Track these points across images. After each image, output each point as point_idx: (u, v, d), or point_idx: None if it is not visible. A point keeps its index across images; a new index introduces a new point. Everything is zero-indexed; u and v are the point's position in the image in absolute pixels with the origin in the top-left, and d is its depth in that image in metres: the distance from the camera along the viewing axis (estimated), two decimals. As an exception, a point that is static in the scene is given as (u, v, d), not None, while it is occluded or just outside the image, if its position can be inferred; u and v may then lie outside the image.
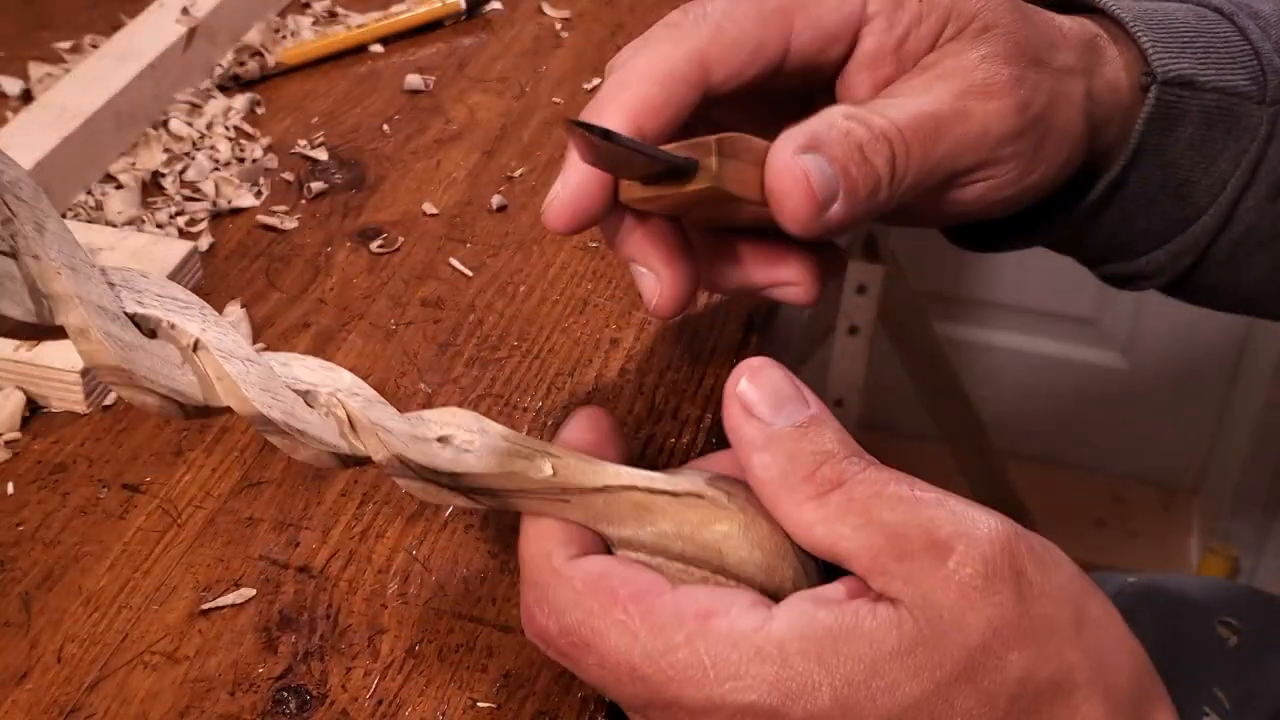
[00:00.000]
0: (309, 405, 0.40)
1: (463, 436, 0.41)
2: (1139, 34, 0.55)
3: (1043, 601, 0.37)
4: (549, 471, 0.41)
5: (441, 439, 0.41)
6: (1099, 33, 0.55)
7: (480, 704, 0.49)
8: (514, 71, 0.83)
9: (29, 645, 0.50)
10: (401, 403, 0.61)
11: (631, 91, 0.46)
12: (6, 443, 0.58)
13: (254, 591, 0.52)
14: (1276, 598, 0.81)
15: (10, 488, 0.56)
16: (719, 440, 0.60)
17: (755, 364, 0.41)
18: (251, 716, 0.48)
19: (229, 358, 0.38)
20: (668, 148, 0.45)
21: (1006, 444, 1.82)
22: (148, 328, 0.38)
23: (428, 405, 0.61)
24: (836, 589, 0.39)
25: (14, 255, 0.35)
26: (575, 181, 0.46)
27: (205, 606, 0.52)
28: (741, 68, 0.47)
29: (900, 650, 0.36)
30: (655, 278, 0.48)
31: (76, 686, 0.49)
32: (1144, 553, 1.85)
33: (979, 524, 0.38)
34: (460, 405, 0.61)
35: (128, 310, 0.38)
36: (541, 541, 0.42)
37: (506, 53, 0.85)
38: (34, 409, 0.60)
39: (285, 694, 0.49)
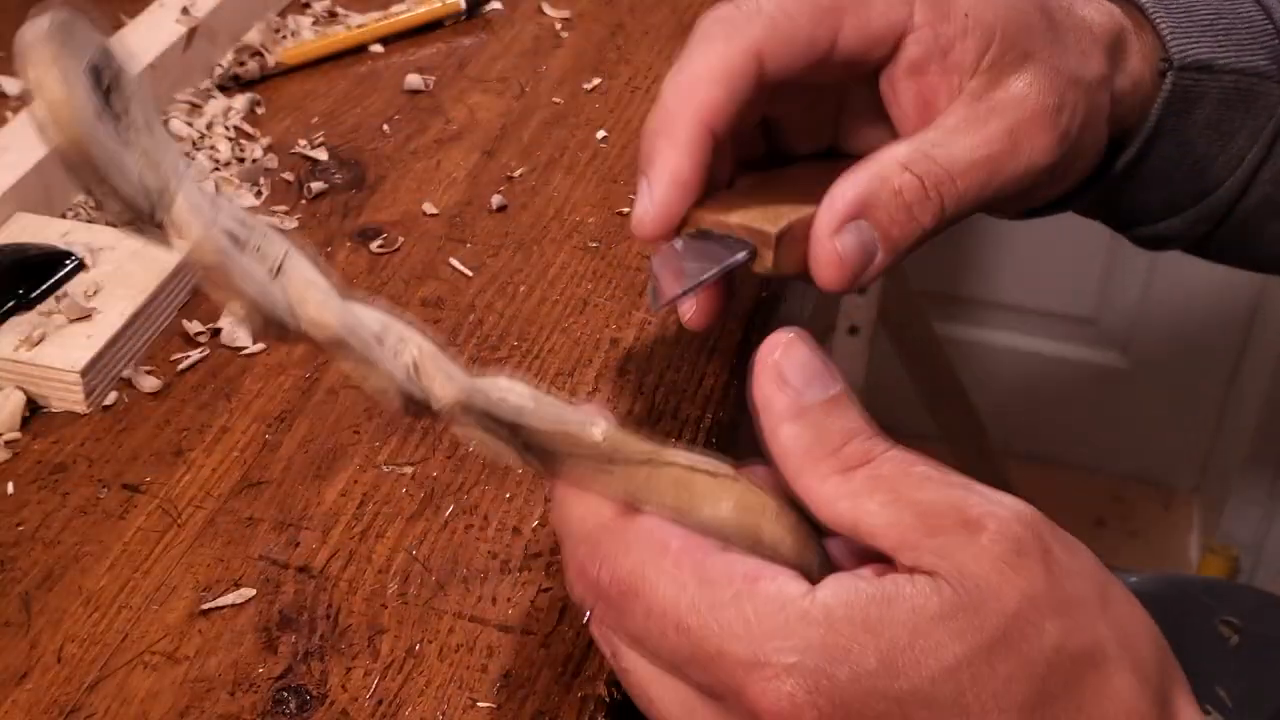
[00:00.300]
0: (379, 342, 0.41)
1: (514, 398, 0.42)
2: (1158, 19, 0.57)
3: (1071, 578, 0.38)
4: (599, 437, 0.42)
5: (499, 400, 0.42)
6: (1125, 24, 0.56)
7: (480, 704, 0.49)
8: (514, 71, 0.83)
9: (29, 645, 0.50)
10: (401, 403, 0.61)
11: (699, 97, 0.46)
12: (6, 443, 0.58)
13: (254, 591, 0.52)
14: (1277, 597, 0.81)
15: (10, 488, 0.56)
16: (719, 440, 0.60)
17: (789, 335, 0.41)
18: (251, 716, 0.48)
19: (311, 284, 0.40)
20: (733, 224, 0.48)
21: (1006, 444, 1.82)
22: (238, 245, 0.39)
23: (428, 405, 0.61)
24: (865, 571, 0.39)
25: (126, 145, 0.36)
26: (662, 195, 0.47)
27: (205, 606, 0.52)
28: (792, 61, 0.48)
29: (942, 614, 0.37)
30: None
31: (76, 686, 0.49)
32: (1144, 553, 1.85)
33: (1006, 505, 0.39)
34: (460, 405, 0.61)
35: (224, 224, 0.39)
36: (588, 502, 0.42)
37: (506, 53, 0.85)
38: (34, 409, 0.60)
39: (285, 694, 0.49)
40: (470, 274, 0.68)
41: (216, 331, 0.64)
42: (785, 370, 0.41)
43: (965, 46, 0.50)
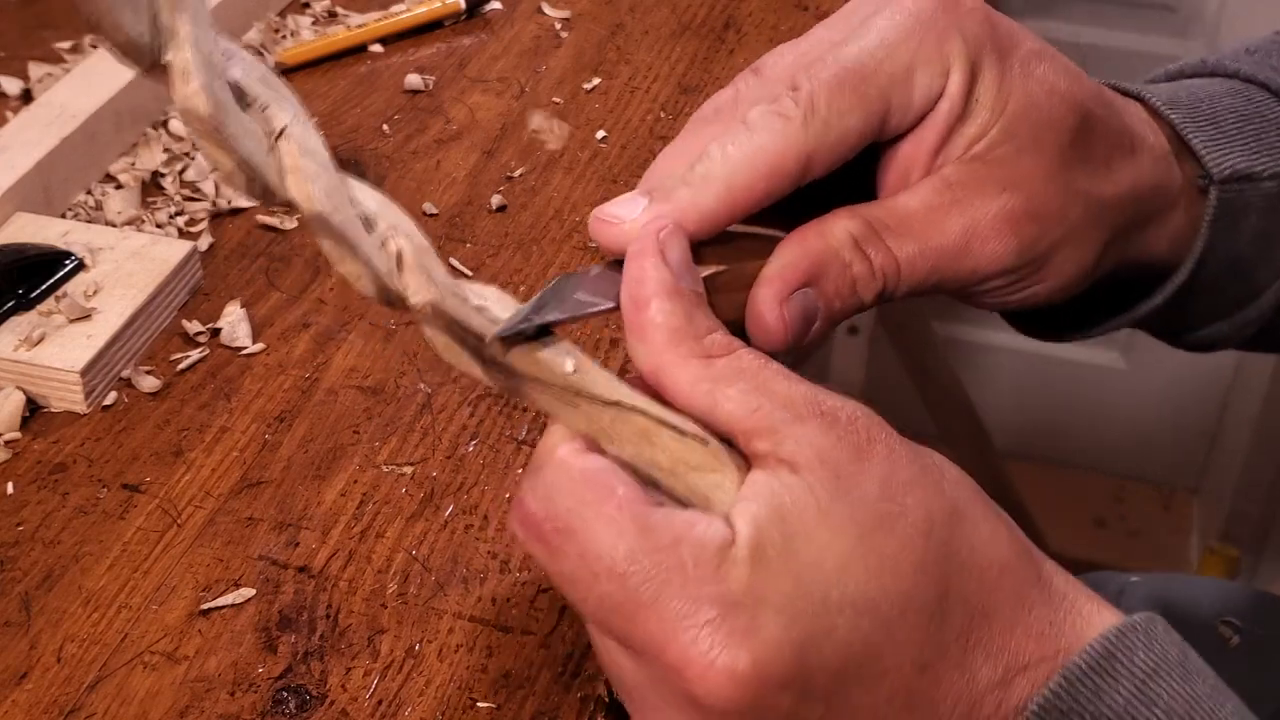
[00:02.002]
0: (367, 229, 0.41)
1: (495, 310, 0.42)
2: (1189, 134, 0.55)
3: (908, 460, 0.41)
4: (569, 369, 0.42)
5: (479, 308, 0.42)
6: (1165, 148, 0.54)
7: (480, 704, 0.49)
8: (514, 71, 0.83)
9: (29, 645, 0.50)
10: (401, 403, 0.61)
11: (735, 183, 0.46)
12: (6, 443, 0.58)
13: (254, 591, 0.52)
14: (1277, 597, 0.81)
15: (10, 488, 0.56)
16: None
17: (674, 226, 0.44)
18: (251, 716, 0.48)
19: (307, 154, 0.40)
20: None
21: (1006, 444, 1.82)
22: (244, 102, 0.39)
23: (427, 406, 0.61)
24: (760, 486, 0.40)
25: None
26: (649, 231, 0.46)
27: (205, 606, 0.52)
28: (838, 160, 0.47)
29: (820, 511, 0.39)
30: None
31: (76, 686, 0.49)
32: (1144, 553, 1.85)
33: (850, 400, 0.41)
34: (460, 405, 0.61)
35: (230, 77, 0.38)
36: (553, 435, 0.42)
37: (506, 53, 0.85)
38: (34, 409, 0.60)
39: (285, 694, 0.49)
40: (470, 274, 0.68)
41: (216, 331, 0.64)
42: (668, 252, 0.43)
43: (962, 130, 0.48)
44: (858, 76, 0.46)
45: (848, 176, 0.48)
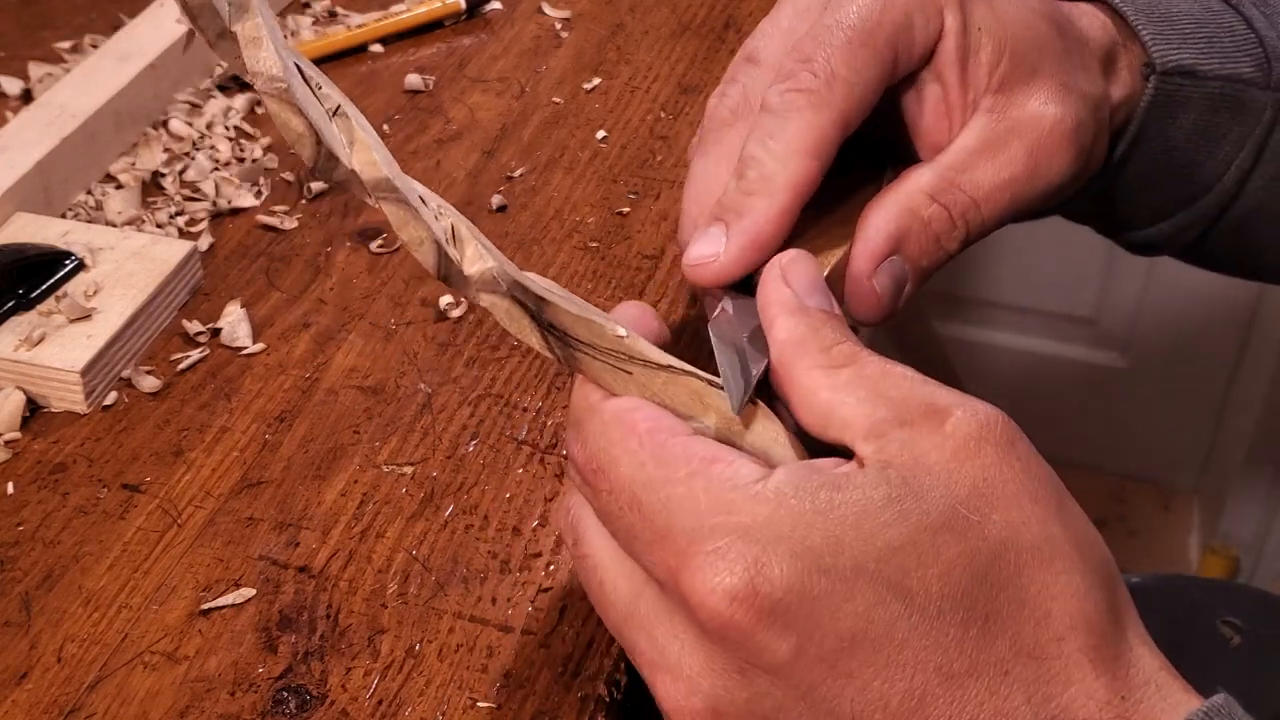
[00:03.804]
0: (424, 204, 0.42)
1: (545, 284, 0.44)
2: (1140, 26, 0.58)
3: (1030, 477, 0.39)
4: (622, 332, 0.43)
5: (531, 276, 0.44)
6: (1115, 36, 0.57)
7: (480, 704, 0.49)
8: (514, 71, 0.83)
9: (29, 645, 0.50)
10: (401, 403, 0.61)
11: (796, 168, 0.47)
12: (6, 443, 0.58)
13: (254, 591, 0.52)
14: (1278, 597, 0.81)
15: (10, 488, 0.56)
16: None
17: (795, 253, 0.45)
18: (251, 716, 0.48)
19: (365, 130, 0.41)
20: None
21: (1006, 444, 1.82)
22: (303, 76, 0.41)
23: (428, 406, 0.61)
24: (822, 463, 0.40)
25: None
26: (738, 252, 0.47)
27: (205, 606, 0.52)
28: (866, 112, 0.49)
29: (889, 498, 0.38)
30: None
31: (76, 686, 0.49)
32: (1144, 553, 1.85)
33: (979, 401, 0.40)
34: (460, 406, 0.61)
35: (291, 57, 0.40)
36: (585, 388, 0.44)
37: (506, 53, 0.85)
38: (34, 409, 0.60)
39: (285, 694, 0.49)
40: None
41: (216, 331, 0.64)
42: (789, 275, 0.44)
43: (978, 60, 0.51)
44: (864, 34, 0.48)
45: (872, 128, 0.50)
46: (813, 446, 0.42)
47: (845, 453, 0.40)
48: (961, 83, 0.51)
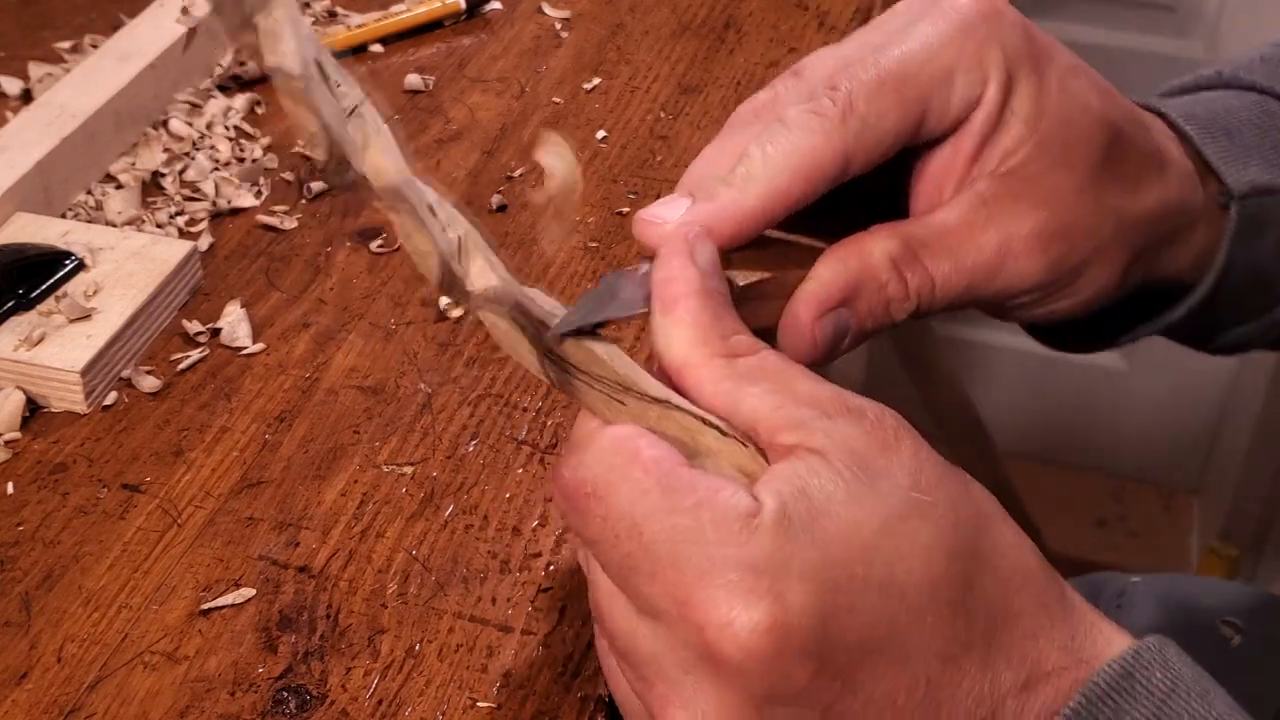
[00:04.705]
0: (431, 212, 0.42)
1: (553, 307, 0.43)
2: (1206, 149, 0.55)
3: (934, 462, 0.41)
4: (620, 365, 0.42)
5: (534, 295, 0.43)
6: (1189, 166, 0.55)
7: (480, 704, 0.49)
8: (514, 71, 0.83)
9: (29, 645, 0.50)
10: (401, 403, 0.61)
11: (780, 184, 0.46)
12: (6, 443, 0.58)
13: (254, 591, 0.52)
14: (1278, 598, 0.81)
15: (10, 488, 0.56)
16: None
17: (700, 230, 0.44)
18: (251, 716, 0.48)
19: (381, 132, 0.41)
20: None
21: (1006, 444, 1.82)
22: (323, 75, 0.41)
23: (427, 406, 0.61)
24: (786, 469, 0.40)
25: None
26: (692, 228, 0.46)
27: (205, 606, 0.52)
28: (876, 159, 0.48)
29: (850, 496, 0.39)
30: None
31: (76, 686, 0.49)
32: (1144, 553, 1.85)
33: (875, 402, 0.41)
34: (460, 405, 0.61)
35: (310, 53, 0.40)
36: (586, 415, 0.43)
37: (506, 53, 0.85)
38: (34, 409, 0.59)
39: (285, 694, 0.49)
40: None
41: (216, 331, 0.64)
42: (697, 254, 0.43)
43: (997, 141, 0.49)
44: (897, 78, 0.47)
45: (880, 176, 0.48)
46: None
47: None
48: (972, 157, 0.49)
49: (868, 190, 0.49)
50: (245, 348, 0.63)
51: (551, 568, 0.53)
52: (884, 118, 0.47)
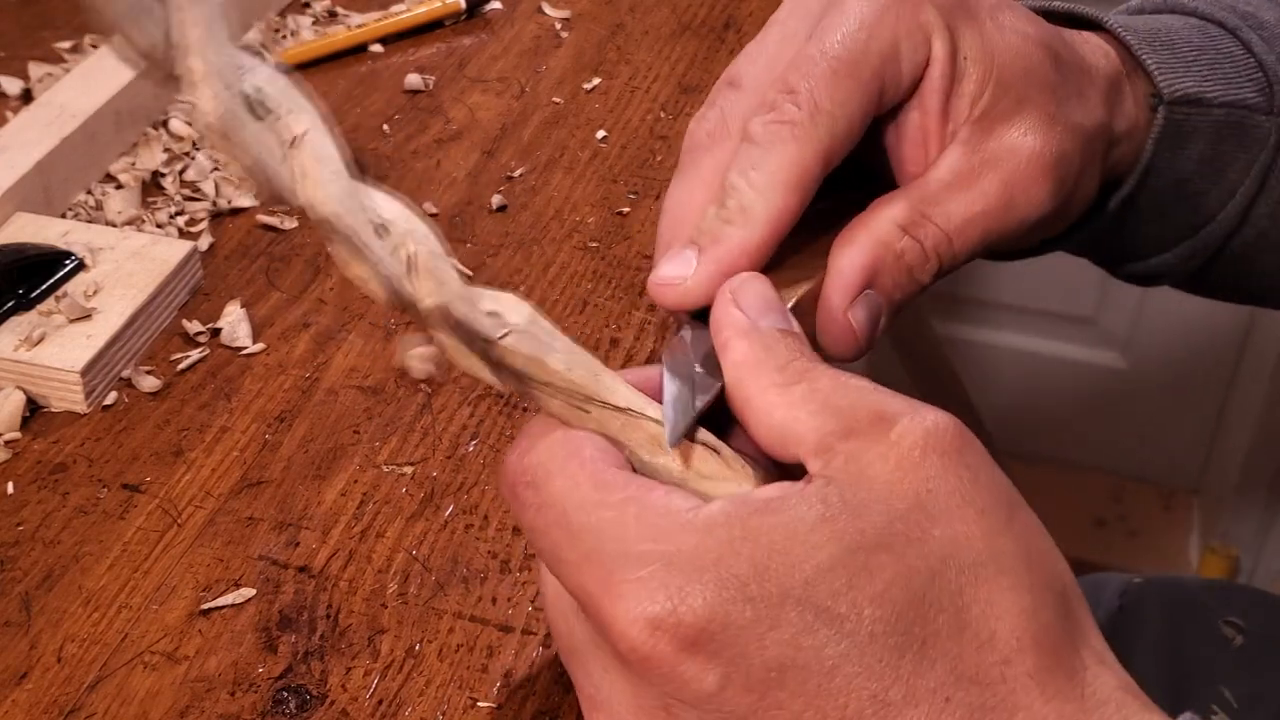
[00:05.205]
0: (379, 236, 0.41)
1: (511, 318, 0.42)
2: (1144, 56, 0.56)
3: (978, 485, 0.38)
4: (575, 376, 0.42)
5: (491, 314, 0.42)
6: (1120, 68, 0.56)
7: (480, 704, 0.49)
8: (514, 71, 0.83)
9: (29, 645, 0.50)
10: (402, 403, 0.61)
11: (778, 203, 0.46)
12: (6, 443, 0.58)
13: (254, 591, 0.52)
14: (1278, 598, 0.81)
15: (10, 488, 0.56)
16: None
17: (746, 275, 0.44)
18: (251, 716, 0.48)
19: (322, 161, 0.40)
20: None
21: (1006, 444, 1.82)
22: (263, 109, 0.40)
23: (427, 406, 0.61)
24: (775, 485, 0.39)
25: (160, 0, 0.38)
26: (707, 279, 0.46)
27: (205, 606, 0.52)
28: (849, 146, 0.48)
29: (822, 518, 0.37)
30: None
31: (76, 686, 0.49)
32: (1144, 553, 1.85)
33: (929, 408, 0.39)
34: (460, 405, 0.61)
35: (245, 90, 0.39)
36: (547, 417, 0.43)
37: (506, 53, 0.85)
38: (34, 409, 0.59)
39: (285, 694, 0.49)
40: (470, 274, 0.68)
41: (216, 331, 0.64)
42: (740, 298, 0.43)
43: (961, 90, 0.50)
44: (849, 64, 0.47)
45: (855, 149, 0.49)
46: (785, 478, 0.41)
47: (804, 473, 0.40)
48: (942, 112, 0.50)
49: (851, 173, 0.49)
50: (245, 348, 0.63)
51: (552, 568, 0.53)
52: (847, 105, 0.47)
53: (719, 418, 0.42)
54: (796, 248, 0.49)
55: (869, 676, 0.36)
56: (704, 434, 0.41)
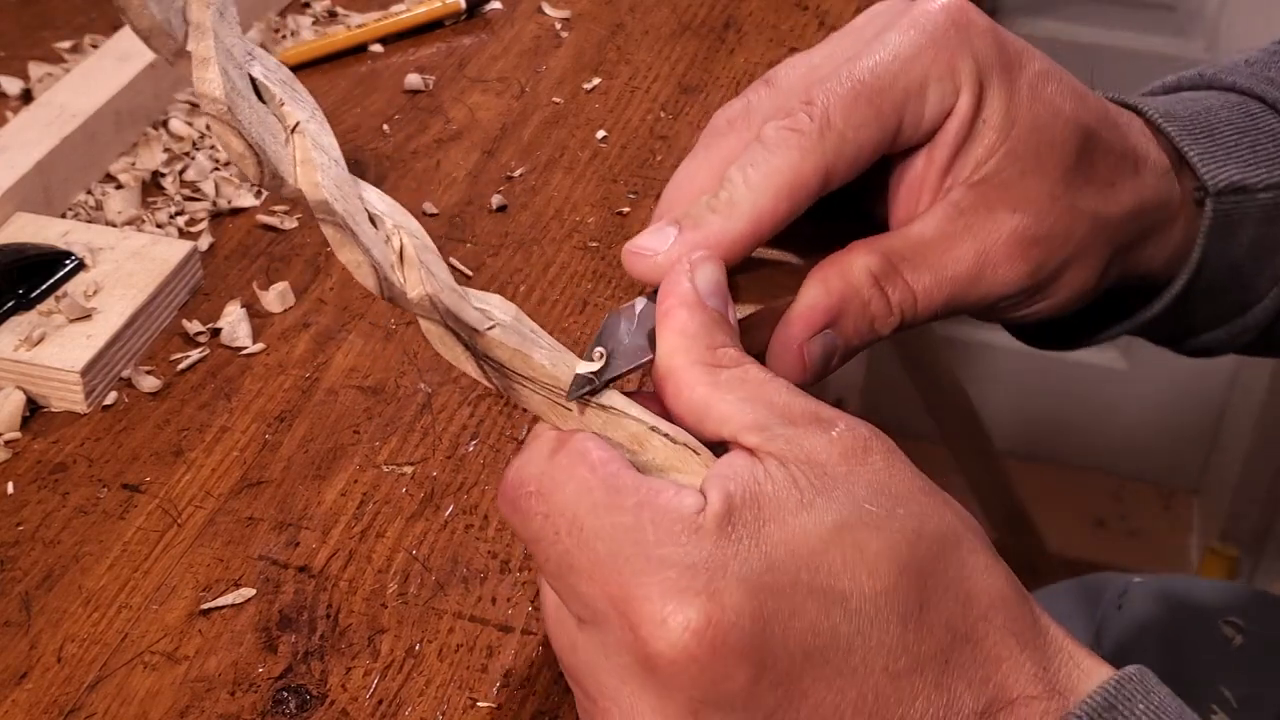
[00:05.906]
0: (373, 225, 0.42)
1: (497, 315, 0.43)
2: (1186, 147, 0.56)
3: (915, 474, 0.40)
4: (558, 373, 0.42)
5: (478, 309, 0.43)
6: (1166, 164, 0.55)
7: (480, 704, 0.49)
8: (514, 71, 0.83)
9: (29, 645, 0.50)
10: (401, 403, 0.61)
11: (765, 205, 0.47)
12: (6, 443, 0.58)
13: (254, 591, 0.52)
14: (1278, 598, 0.81)
15: (10, 488, 0.56)
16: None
17: (708, 256, 0.45)
18: (251, 716, 0.48)
19: (319, 149, 0.41)
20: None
21: (1006, 444, 1.82)
22: (263, 97, 0.41)
23: (427, 405, 0.61)
24: (726, 465, 0.40)
25: None
26: (677, 257, 0.46)
27: (205, 606, 0.52)
28: (854, 172, 0.48)
29: (801, 503, 0.38)
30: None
31: (76, 686, 0.49)
32: (1144, 553, 1.85)
33: (856, 419, 0.41)
34: (460, 406, 0.61)
35: (251, 73, 0.40)
36: (542, 424, 0.43)
37: (506, 53, 0.85)
38: (34, 409, 0.59)
39: (285, 694, 0.49)
40: (470, 274, 0.68)
41: (216, 331, 0.64)
42: (696, 274, 0.44)
43: (969, 150, 0.49)
44: (872, 90, 0.47)
45: (857, 180, 0.49)
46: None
47: (720, 450, 0.41)
48: (946, 167, 0.49)
49: (846, 194, 0.49)
50: (245, 348, 0.63)
51: (551, 568, 0.53)
52: (861, 131, 0.47)
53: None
54: (768, 266, 0.50)
55: (879, 650, 0.37)
56: (683, 434, 0.42)
